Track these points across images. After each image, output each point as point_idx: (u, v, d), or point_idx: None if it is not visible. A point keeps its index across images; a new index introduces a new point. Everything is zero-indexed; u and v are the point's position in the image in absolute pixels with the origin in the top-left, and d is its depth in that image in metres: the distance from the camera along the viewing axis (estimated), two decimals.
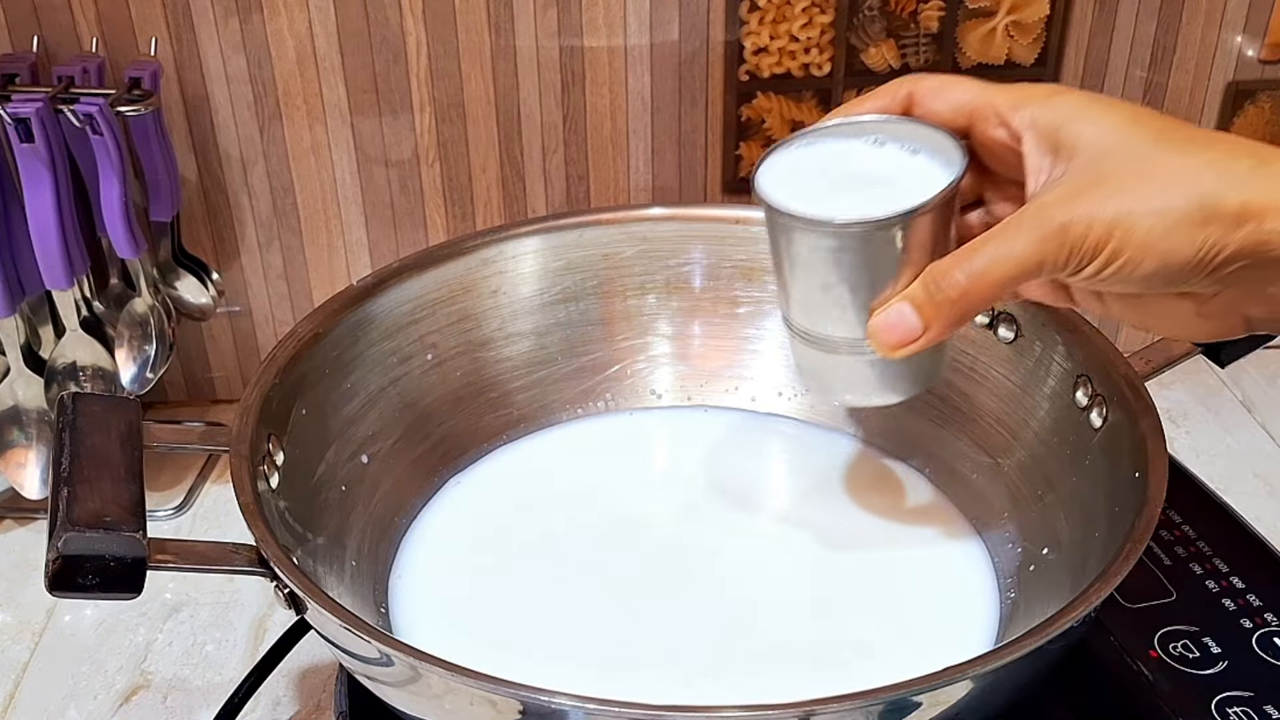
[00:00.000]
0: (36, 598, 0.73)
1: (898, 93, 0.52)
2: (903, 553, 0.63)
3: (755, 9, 0.80)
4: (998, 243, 0.46)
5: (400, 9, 0.78)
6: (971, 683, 0.44)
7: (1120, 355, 0.59)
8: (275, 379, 0.59)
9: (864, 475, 0.67)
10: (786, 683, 0.52)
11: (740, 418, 0.71)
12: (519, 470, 0.69)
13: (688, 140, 0.83)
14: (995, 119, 0.49)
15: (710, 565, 0.62)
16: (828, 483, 0.67)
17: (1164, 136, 0.45)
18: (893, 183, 0.50)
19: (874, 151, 0.52)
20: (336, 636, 0.49)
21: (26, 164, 0.70)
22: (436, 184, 0.83)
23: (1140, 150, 0.45)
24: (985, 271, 0.46)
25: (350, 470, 0.63)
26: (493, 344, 0.70)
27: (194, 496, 0.82)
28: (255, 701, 0.65)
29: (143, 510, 0.50)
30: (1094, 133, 0.46)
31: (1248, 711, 0.53)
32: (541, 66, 0.80)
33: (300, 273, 0.86)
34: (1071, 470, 0.60)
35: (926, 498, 0.66)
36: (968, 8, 0.81)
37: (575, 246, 0.71)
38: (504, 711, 0.44)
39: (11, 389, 0.77)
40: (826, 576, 0.61)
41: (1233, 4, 0.82)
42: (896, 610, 0.59)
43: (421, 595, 0.61)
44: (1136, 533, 0.49)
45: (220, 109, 0.80)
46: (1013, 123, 0.48)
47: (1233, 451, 0.84)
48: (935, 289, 0.47)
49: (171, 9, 0.77)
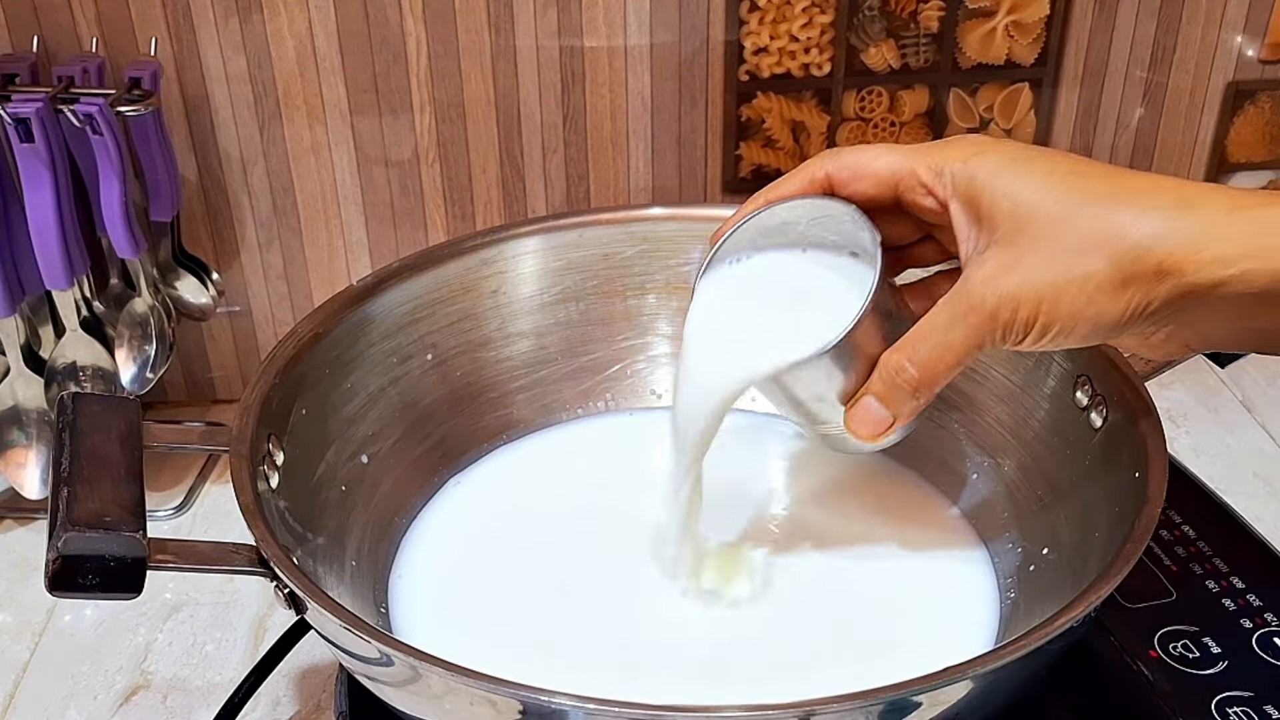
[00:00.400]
0: (36, 598, 0.73)
1: (815, 175, 0.52)
2: (902, 552, 0.63)
3: (755, 9, 0.80)
4: (939, 334, 0.49)
5: (400, 9, 0.78)
6: (971, 683, 0.44)
7: (1120, 355, 0.59)
8: (275, 379, 0.59)
9: (864, 476, 0.67)
10: (786, 682, 0.52)
11: (740, 418, 0.71)
12: (519, 470, 0.69)
13: (688, 140, 0.83)
14: (920, 189, 0.50)
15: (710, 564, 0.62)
16: (827, 483, 0.67)
17: (1082, 194, 0.46)
18: (823, 294, 0.54)
19: (799, 265, 0.55)
20: (336, 636, 0.49)
21: (26, 164, 0.70)
22: (436, 184, 0.83)
23: (1058, 213, 0.46)
24: (932, 362, 0.49)
25: (350, 470, 0.63)
26: (493, 344, 0.70)
27: (194, 496, 0.82)
28: (255, 701, 0.65)
29: (143, 510, 0.50)
30: (1010, 204, 0.47)
31: (1248, 711, 0.53)
32: (541, 66, 0.80)
33: (300, 273, 0.86)
34: (1071, 470, 0.60)
35: (926, 498, 0.66)
36: (968, 8, 0.81)
37: (575, 246, 0.71)
38: (504, 711, 0.44)
39: (11, 389, 0.77)
40: (826, 577, 0.61)
41: (1233, 4, 0.82)
42: (896, 610, 0.59)
43: (421, 595, 0.61)
44: (1136, 533, 0.49)
45: (220, 109, 0.80)
46: (937, 192, 0.49)
47: (1233, 451, 0.84)
48: (891, 383, 0.51)
49: (171, 9, 0.77)
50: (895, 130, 0.84)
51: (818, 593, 0.60)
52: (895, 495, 0.66)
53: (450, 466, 0.68)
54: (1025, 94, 0.84)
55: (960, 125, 0.84)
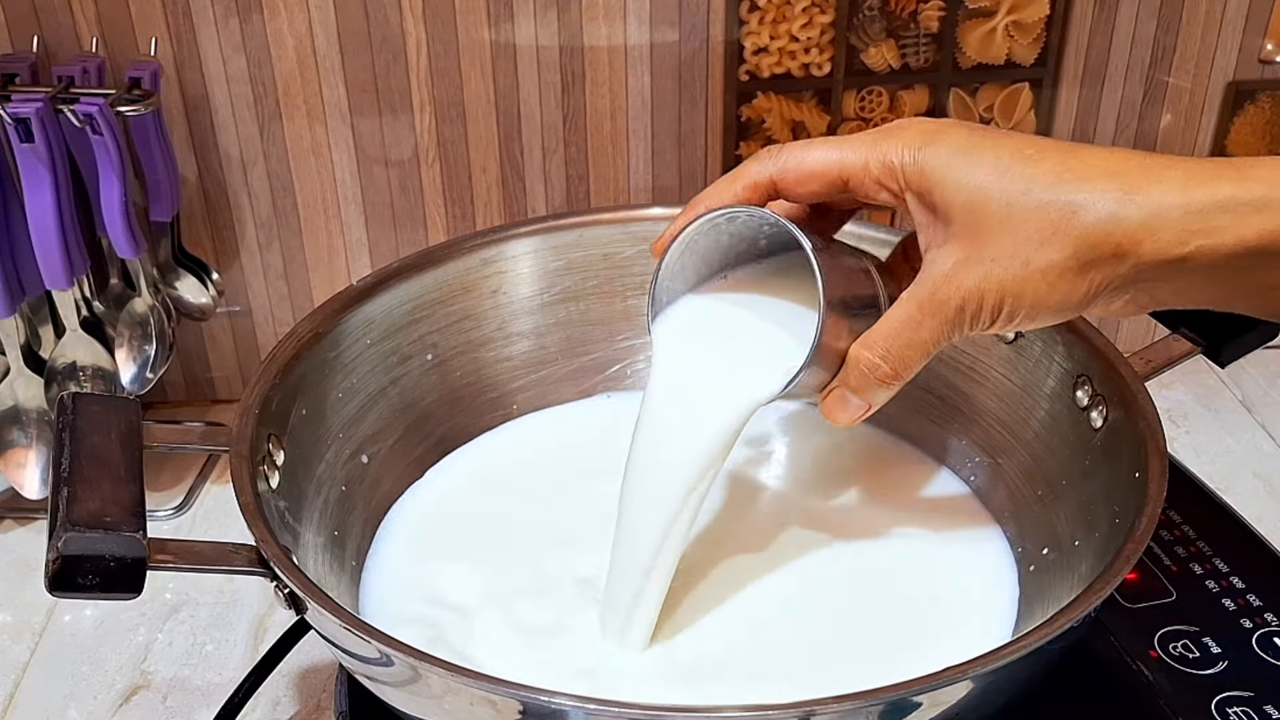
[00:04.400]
0: (36, 598, 0.73)
1: (757, 180, 0.51)
2: (918, 545, 0.62)
3: (755, 9, 0.80)
4: (908, 331, 0.49)
5: (400, 9, 0.78)
6: (971, 683, 0.44)
7: (1120, 355, 0.59)
8: (275, 379, 0.59)
9: (875, 461, 0.67)
10: (786, 681, 0.52)
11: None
12: (512, 456, 0.69)
13: (688, 140, 0.83)
14: (874, 184, 0.49)
15: (709, 568, 0.62)
16: (835, 476, 0.67)
17: (1033, 179, 0.46)
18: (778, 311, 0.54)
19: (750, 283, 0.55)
20: (336, 636, 0.49)
21: (26, 164, 0.70)
22: (436, 184, 0.83)
23: (1013, 201, 0.46)
24: (903, 357, 0.50)
25: (350, 470, 0.63)
26: (493, 344, 0.70)
27: (194, 496, 0.82)
28: (255, 701, 0.65)
29: (143, 510, 0.50)
30: (964, 197, 0.47)
31: (1248, 711, 0.53)
32: (541, 66, 0.80)
33: (300, 273, 0.86)
34: (1071, 470, 0.60)
35: (945, 490, 0.66)
36: (968, 8, 0.81)
37: (575, 246, 0.71)
38: (504, 711, 0.44)
39: (11, 389, 0.77)
40: (834, 574, 0.61)
41: (1233, 4, 0.82)
42: (905, 608, 0.59)
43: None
44: (1136, 533, 0.49)
45: (220, 109, 0.80)
46: (891, 186, 0.49)
47: (1233, 451, 0.84)
48: (866, 375, 0.50)
49: (171, 9, 0.77)
50: None
51: (822, 590, 0.60)
52: (912, 486, 0.66)
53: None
54: (1025, 94, 0.84)
55: None
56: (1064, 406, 0.61)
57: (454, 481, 0.67)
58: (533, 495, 0.66)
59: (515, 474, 0.67)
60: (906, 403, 0.55)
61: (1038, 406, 0.63)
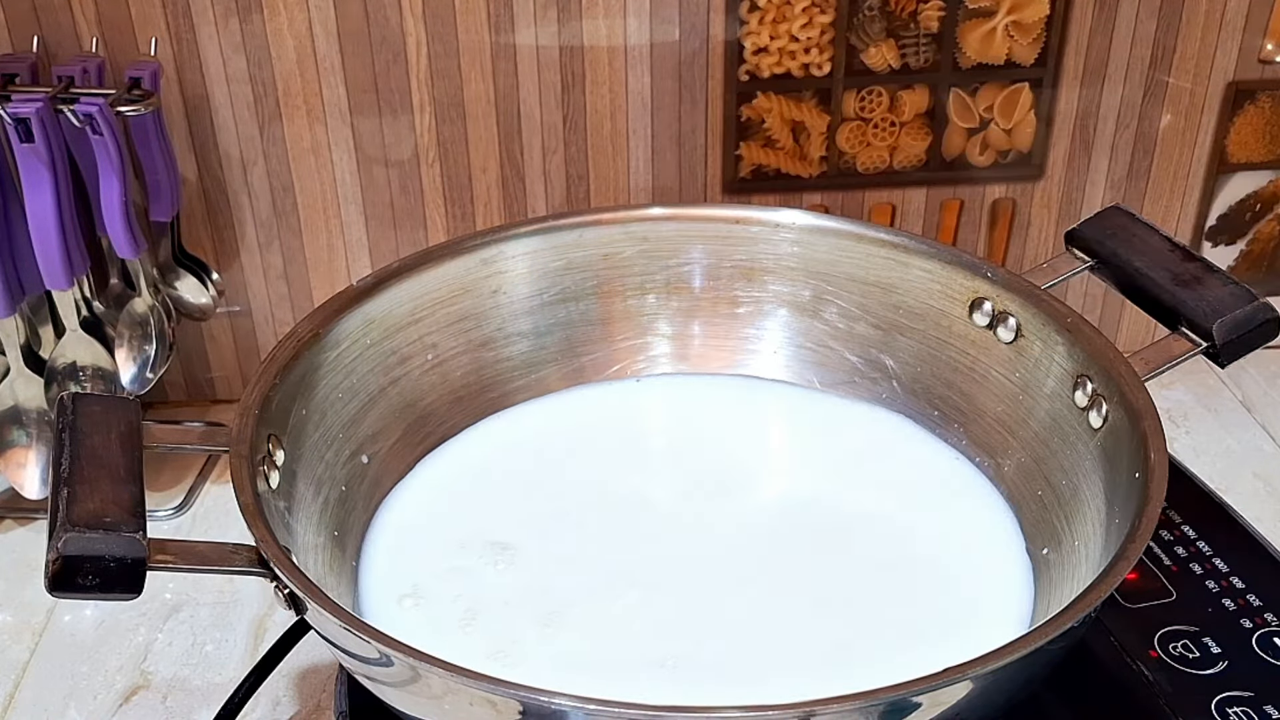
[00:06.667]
0: (36, 598, 0.73)
1: None
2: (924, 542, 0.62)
3: (755, 9, 0.80)
4: None
5: (400, 9, 0.78)
6: (971, 683, 0.44)
7: (1120, 355, 0.59)
8: (275, 379, 0.59)
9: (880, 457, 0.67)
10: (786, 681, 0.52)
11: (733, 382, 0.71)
12: (509, 447, 0.69)
13: (688, 140, 0.83)
14: None
15: (709, 563, 0.62)
16: (838, 474, 0.67)
17: None
18: None
19: None
20: (336, 636, 0.49)
21: (26, 164, 0.70)
22: (436, 184, 0.83)
23: None
24: None
25: (350, 470, 0.63)
26: (493, 344, 0.70)
27: (194, 496, 0.82)
28: (255, 701, 0.65)
29: (143, 510, 0.50)
30: None
31: (1248, 711, 0.53)
32: (541, 66, 0.80)
33: (300, 273, 0.86)
34: (1071, 471, 0.60)
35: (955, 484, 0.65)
36: (968, 8, 0.81)
37: (575, 246, 0.71)
38: (504, 712, 0.44)
39: (11, 389, 0.77)
40: (834, 573, 0.61)
41: (1233, 4, 0.82)
42: (909, 606, 0.59)
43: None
44: (1136, 533, 0.49)
45: (220, 109, 0.80)
46: None
47: (1233, 451, 0.84)
48: None
49: (171, 9, 0.77)
50: (895, 130, 0.84)
51: (823, 588, 0.60)
52: (909, 475, 0.66)
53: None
54: (1025, 94, 0.84)
55: (960, 125, 0.84)
56: (1064, 406, 0.61)
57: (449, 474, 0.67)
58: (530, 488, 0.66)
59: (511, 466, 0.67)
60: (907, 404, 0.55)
61: (1038, 406, 0.63)
